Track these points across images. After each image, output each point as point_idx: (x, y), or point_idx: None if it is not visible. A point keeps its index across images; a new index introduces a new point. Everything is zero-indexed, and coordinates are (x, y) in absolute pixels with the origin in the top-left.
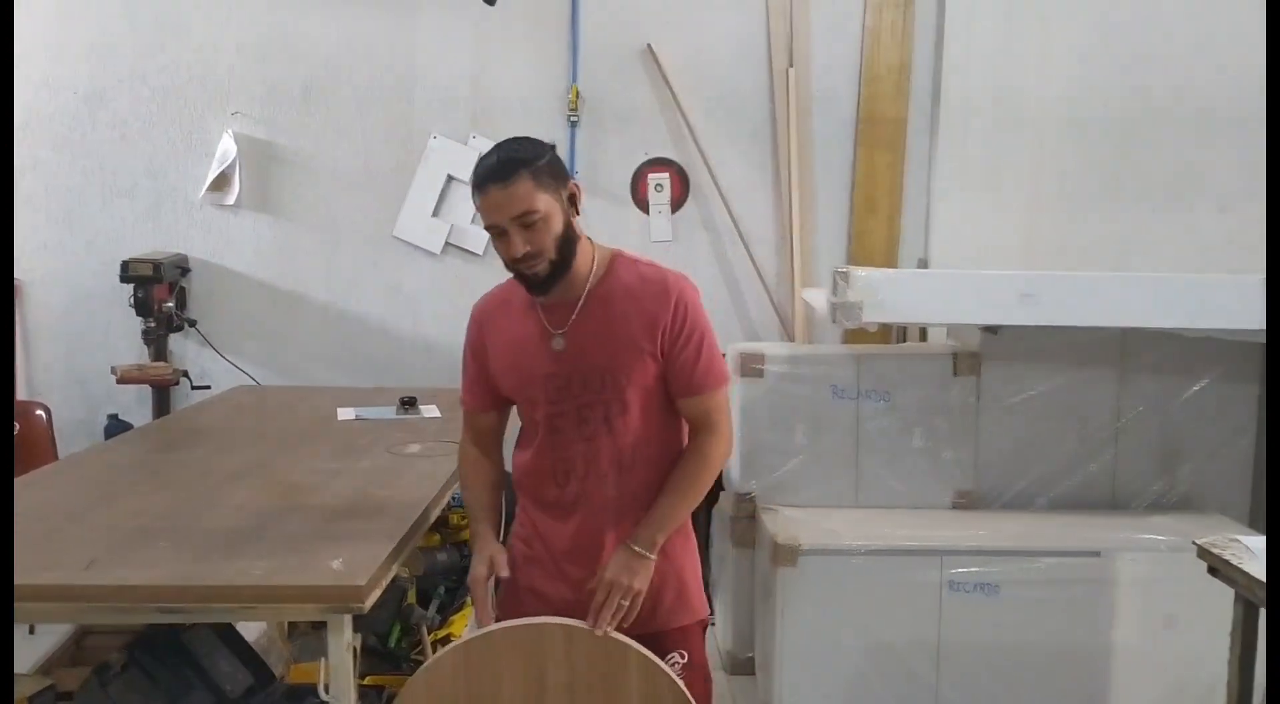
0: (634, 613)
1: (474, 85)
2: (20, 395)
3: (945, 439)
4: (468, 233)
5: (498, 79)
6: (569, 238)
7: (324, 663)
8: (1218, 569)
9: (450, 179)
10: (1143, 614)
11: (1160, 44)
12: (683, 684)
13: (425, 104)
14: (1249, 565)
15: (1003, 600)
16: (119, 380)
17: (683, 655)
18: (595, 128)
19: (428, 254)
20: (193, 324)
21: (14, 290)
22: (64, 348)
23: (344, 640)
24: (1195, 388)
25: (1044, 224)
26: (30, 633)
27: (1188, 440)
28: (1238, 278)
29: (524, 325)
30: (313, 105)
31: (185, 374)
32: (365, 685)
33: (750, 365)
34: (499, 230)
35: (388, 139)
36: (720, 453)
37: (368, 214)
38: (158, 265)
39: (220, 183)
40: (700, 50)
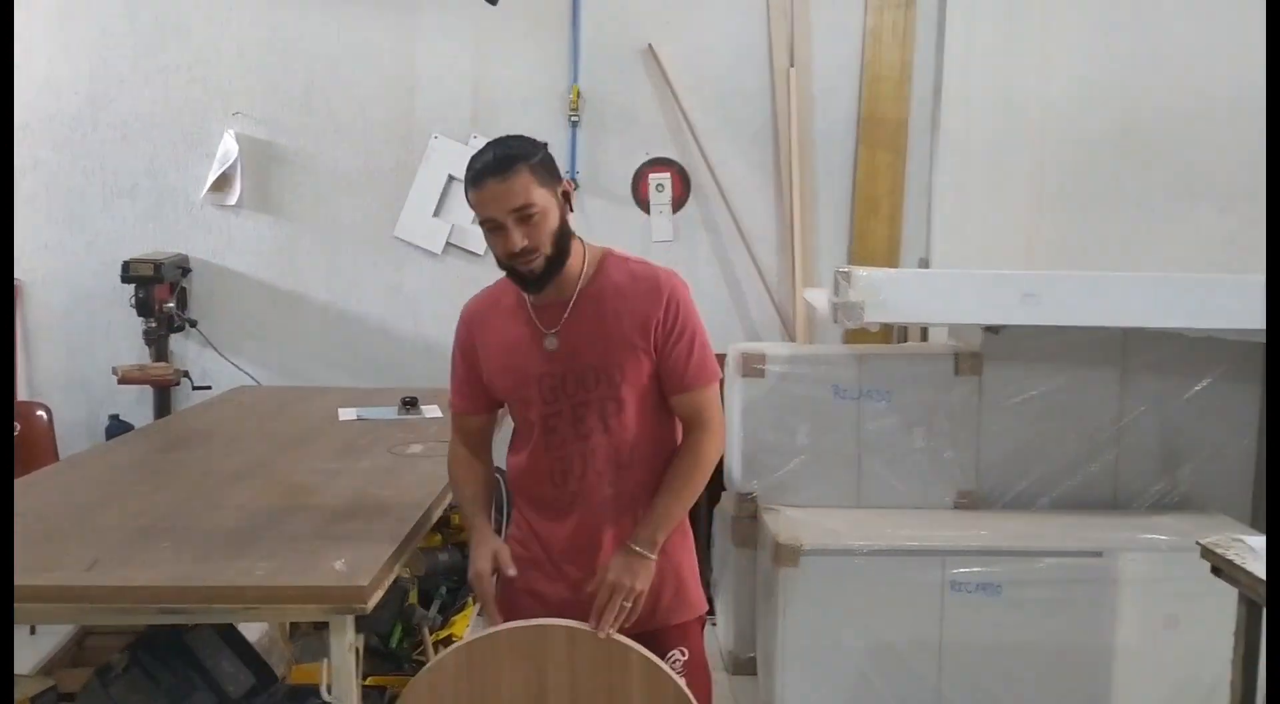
0: (636, 614)
1: (475, 85)
2: (21, 396)
3: (947, 439)
4: (468, 233)
5: (498, 79)
6: (564, 233)
7: (326, 664)
8: (1221, 569)
9: (451, 179)
10: (1144, 614)
11: (1161, 43)
12: (685, 686)
13: (426, 104)
14: (1252, 565)
15: (1004, 600)
16: (120, 381)
17: (683, 653)
18: (596, 127)
19: (429, 254)
20: (194, 324)
21: (14, 291)
22: (65, 348)
23: (346, 641)
24: (1197, 388)
25: (1045, 224)
26: (31, 633)
27: (1189, 440)
28: (1239, 278)
29: (515, 326)
30: (314, 105)
31: (186, 374)
32: (367, 686)
33: (751, 365)
34: (495, 225)
35: (388, 139)
36: (714, 449)
37: (369, 214)
38: (159, 266)
39: (221, 183)
40: (701, 50)
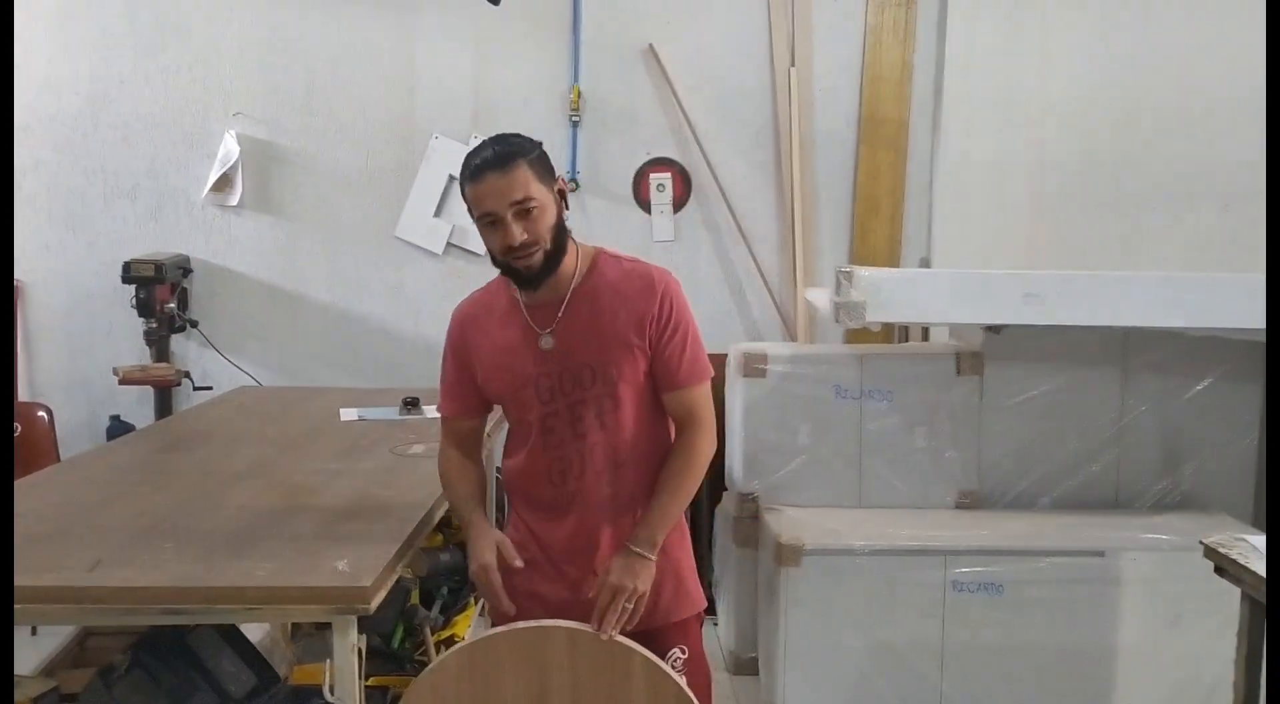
0: (638, 615)
1: (475, 85)
2: (22, 397)
3: (948, 439)
4: (469, 233)
5: (499, 79)
6: (561, 230)
7: (329, 664)
8: (1225, 568)
9: (452, 179)
10: (1146, 614)
11: (1161, 42)
12: (687, 687)
13: (427, 104)
14: (1256, 564)
15: (1006, 600)
16: (121, 381)
17: (683, 651)
18: (597, 127)
19: (429, 254)
20: (195, 325)
21: (15, 291)
22: (66, 349)
23: (349, 641)
24: (1198, 387)
25: (1046, 223)
26: (33, 634)
27: (1191, 439)
28: (1240, 277)
29: (509, 327)
30: (314, 105)
31: (187, 375)
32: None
33: (753, 365)
34: (494, 219)
35: (389, 139)
36: (708, 447)
37: (369, 214)
38: (160, 266)
39: (223, 184)
40: (702, 50)
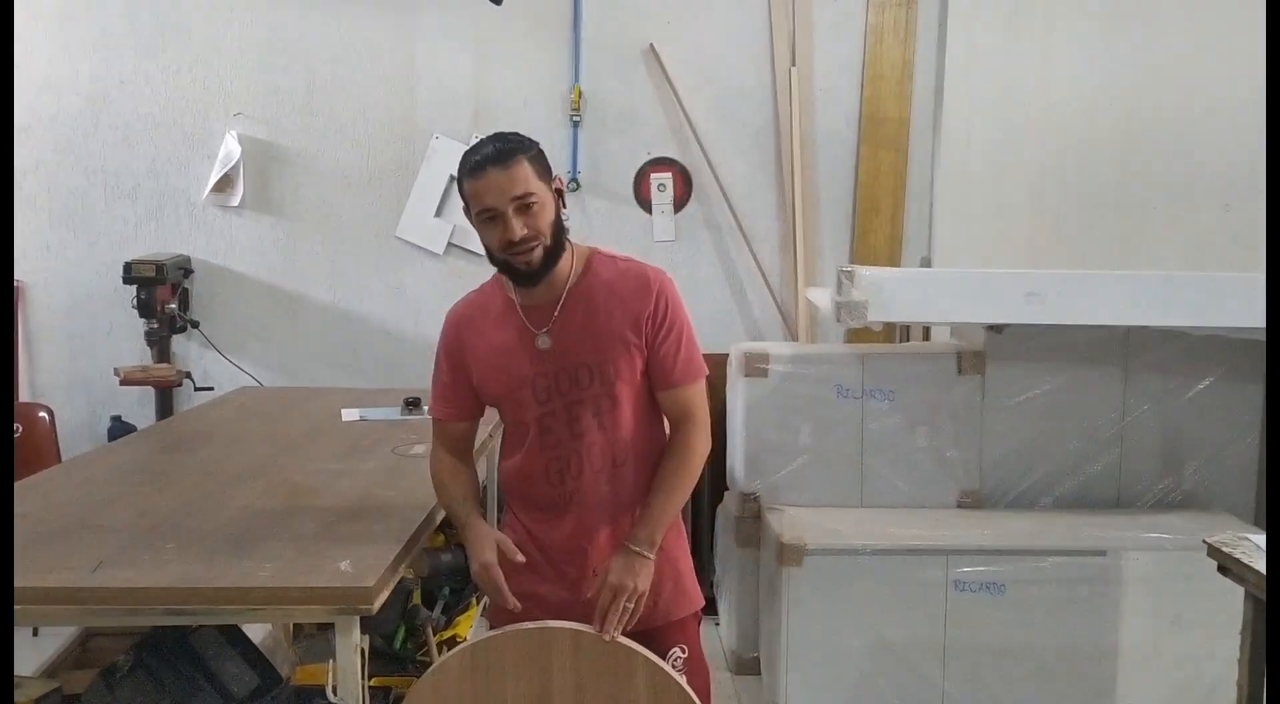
0: (638, 614)
1: (476, 85)
2: (23, 397)
3: (950, 438)
4: (470, 233)
5: (500, 79)
6: (559, 227)
7: (332, 664)
8: (1228, 567)
9: (453, 179)
10: (1149, 613)
11: (1162, 41)
12: (689, 688)
13: (427, 104)
14: (1259, 563)
15: (1008, 600)
16: (122, 382)
17: (683, 650)
18: (598, 127)
19: (430, 254)
20: (195, 325)
21: (16, 292)
22: (67, 350)
23: (352, 642)
24: (1200, 386)
25: (1047, 222)
26: (34, 635)
27: (1192, 439)
28: (1241, 276)
29: (505, 328)
30: (315, 106)
31: (188, 375)
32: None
33: (754, 365)
34: (494, 215)
35: (389, 139)
36: (703, 445)
37: (370, 214)
38: (160, 267)
39: (224, 184)
40: (702, 49)
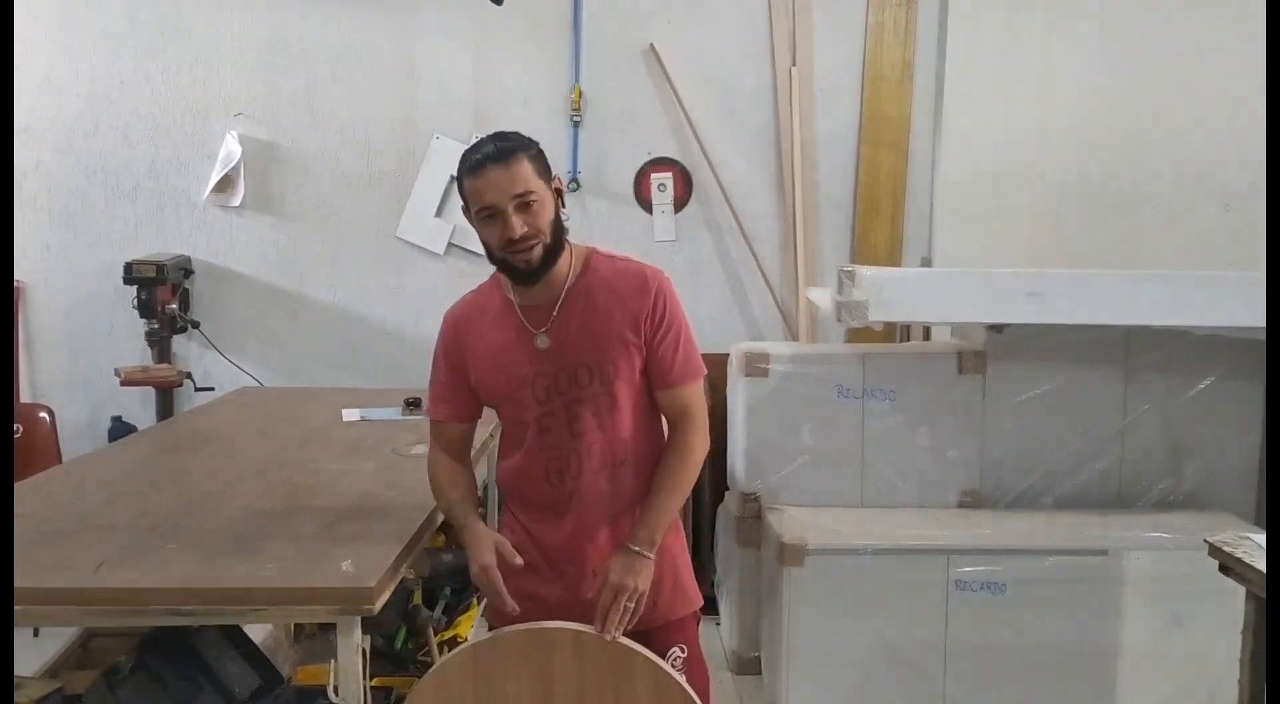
0: (638, 614)
1: (476, 85)
2: (23, 398)
3: (950, 438)
4: (470, 233)
5: (500, 79)
6: (559, 226)
7: (334, 664)
8: (1229, 567)
9: (453, 179)
10: (1149, 613)
11: (1163, 41)
12: (690, 689)
13: (428, 104)
14: (1260, 563)
15: (1009, 599)
16: (122, 382)
17: (682, 650)
18: (598, 127)
19: (431, 254)
20: (196, 326)
21: (16, 292)
22: (67, 350)
23: (353, 642)
24: (1201, 385)
25: (1047, 222)
26: (35, 635)
27: (1194, 438)
28: (1242, 275)
29: (504, 329)
30: (315, 106)
31: (189, 376)
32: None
33: (755, 365)
34: (494, 213)
35: (390, 139)
36: (701, 444)
37: (370, 215)
38: (161, 267)
39: (224, 184)
40: (703, 49)
